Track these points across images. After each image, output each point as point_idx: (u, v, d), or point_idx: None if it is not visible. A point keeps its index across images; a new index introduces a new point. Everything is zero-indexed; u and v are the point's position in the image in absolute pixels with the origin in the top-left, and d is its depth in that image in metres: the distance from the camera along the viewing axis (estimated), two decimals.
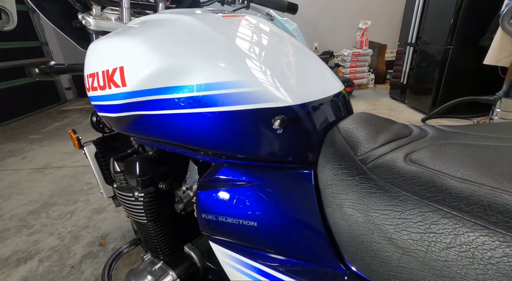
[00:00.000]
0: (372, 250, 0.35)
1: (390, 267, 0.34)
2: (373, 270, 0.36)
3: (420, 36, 2.78)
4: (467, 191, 0.25)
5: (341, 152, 0.37)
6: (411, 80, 2.91)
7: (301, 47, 0.51)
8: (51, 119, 3.35)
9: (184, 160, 0.65)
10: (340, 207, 0.37)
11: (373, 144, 0.36)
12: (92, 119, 0.81)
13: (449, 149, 0.33)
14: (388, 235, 0.32)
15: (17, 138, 2.76)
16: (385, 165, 0.32)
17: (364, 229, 0.35)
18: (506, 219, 0.22)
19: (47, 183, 1.85)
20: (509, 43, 1.83)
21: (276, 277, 0.41)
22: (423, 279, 0.30)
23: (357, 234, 0.36)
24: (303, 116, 0.39)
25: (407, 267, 0.32)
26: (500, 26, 1.78)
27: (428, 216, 0.27)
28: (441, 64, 2.47)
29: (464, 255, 0.26)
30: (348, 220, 0.37)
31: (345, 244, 0.39)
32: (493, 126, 0.44)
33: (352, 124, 0.39)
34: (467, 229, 0.25)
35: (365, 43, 3.62)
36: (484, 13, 2.20)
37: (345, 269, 0.39)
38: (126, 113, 0.51)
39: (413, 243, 0.30)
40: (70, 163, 2.12)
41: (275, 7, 0.85)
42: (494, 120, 1.78)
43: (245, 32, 0.47)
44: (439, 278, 0.29)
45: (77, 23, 0.67)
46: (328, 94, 0.43)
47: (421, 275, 0.30)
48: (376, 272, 0.36)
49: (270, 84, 0.39)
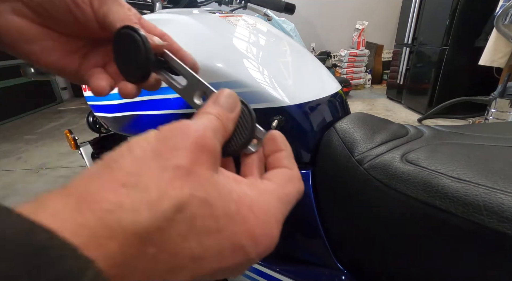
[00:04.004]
0: (369, 250, 0.35)
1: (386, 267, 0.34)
2: (369, 269, 0.36)
3: (417, 37, 2.80)
4: (462, 190, 0.25)
5: (338, 152, 0.37)
6: (408, 80, 2.93)
7: (299, 48, 0.51)
8: (47, 120, 3.32)
9: None
10: (337, 207, 0.37)
11: (370, 144, 0.36)
12: (89, 119, 0.81)
13: (445, 148, 0.33)
14: (384, 235, 0.32)
15: (12, 138, 2.73)
16: (382, 165, 0.32)
17: (360, 229, 0.35)
18: (501, 218, 0.22)
19: (42, 183, 1.84)
20: (503, 44, 1.85)
21: (274, 277, 0.41)
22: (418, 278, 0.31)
23: (353, 234, 0.37)
24: (300, 117, 0.39)
25: (403, 267, 0.32)
26: (495, 27, 1.79)
27: (424, 216, 0.27)
28: (437, 65, 2.49)
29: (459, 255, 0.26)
30: (345, 220, 0.37)
31: (342, 244, 0.39)
32: (488, 126, 0.45)
33: (349, 125, 0.39)
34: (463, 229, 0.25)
35: (362, 43, 3.64)
36: (479, 14, 2.22)
37: (342, 269, 0.39)
38: (123, 113, 0.51)
39: (410, 243, 0.30)
40: (66, 164, 2.10)
41: (273, 8, 0.85)
42: (489, 121, 1.79)
43: (243, 33, 0.47)
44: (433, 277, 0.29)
45: None
46: (325, 94, 0.43)
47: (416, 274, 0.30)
48: (372, 271, 0.36)
49: (268, 84, 0.39)
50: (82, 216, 0.10)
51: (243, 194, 0.14)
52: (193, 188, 0.12)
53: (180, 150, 0.12)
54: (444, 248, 0.27)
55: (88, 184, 0.11)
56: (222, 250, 0.12)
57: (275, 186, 0.16)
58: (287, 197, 0.16)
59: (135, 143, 0.12)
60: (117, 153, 0.12)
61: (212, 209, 0.12)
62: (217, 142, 0.14)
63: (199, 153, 0.13)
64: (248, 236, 0.13)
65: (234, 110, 0.17)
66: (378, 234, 0.33)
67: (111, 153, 0.12)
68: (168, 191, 0.11)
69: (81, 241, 0.09)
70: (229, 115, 0.17)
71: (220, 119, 0.16)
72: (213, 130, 0.15)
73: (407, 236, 0.30)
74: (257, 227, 0.13)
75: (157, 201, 0.11)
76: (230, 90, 0.18)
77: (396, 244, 0.31)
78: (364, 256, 0.36)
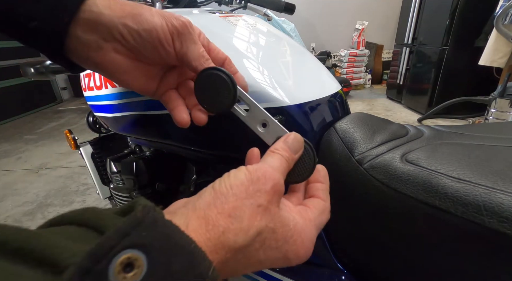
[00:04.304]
0: (369, 250, 0.35)
1: (386, 267, 0.34)
2: (369, 269, 0.36)
3: (416, 37, 2.80)
4: (462, 190, 0.25)
5: (338, 152, 0.37)
6: (408, 80, 2.93)
7: (299, 48, 0.51)
8: (47, 120, 3.32)
9: (181, 160, 0.64)
10: (337, 207, 0.37)
11: (370, 144, 0.36)
12: (89, 119, 0.81)
13: (445, 148, 0.33)
14: (384, 235, 0.32)
15: (12, 138, 2.73)
16: (382, 165, 0.32)
17: (360, 229, 0.35)
18: (501, 219, 0.22)
19: (42, 183, 1.84)
20: (503, 44, 1.85)
21: (274, 277, 0.41)
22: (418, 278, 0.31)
23: (353, 234, 0.37)
24: (300, 117, 0.39)
25: (403, 267, 0.32)
26: (495, 27, 1.79)
27: (424, 216, 0.27)
28: (437, 65, 2.49)
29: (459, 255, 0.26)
30: (345, 220, 0.37)
31: (342, 244, 0.39)
32: (488, 126, 0.45)
33: (349, 125, 0.39)
34: (463, 229, 0.25)
35: (362, 43, 3.64)
36: (479, 14, 2.23)
37: (342, 269, 0.39)
38: (123, 113, 0.51)
39: (409, 243, 0.30)
40: (66, 164, 2.10)
41: (273, 8, 0.85)
42: (489, 121, 1.79)
43: (243, 32, 0.47)
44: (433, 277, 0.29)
45: None
46: (325, 94, 0.43)
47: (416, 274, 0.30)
48: (372, 271, 0.36)
49: (268, 84, 0.39)
50: (208, 234, 0.17)
51: (296, 223, 0.20)
52: (268, 221, 0.19)
53: (263, 193, 0.19)
54: (444, 248, 0.27)
55: (209, 210, 0.17)
56: (276, 259, 0.20)
57: (315, 216, 0.22)
58: (320, 224, 0.23)
59: (234, 181, 0.19)
60: (222, 186, 0.19)
61: (276, 234, 0.19)
62: (283, 181, 0.21)
63: (274, 195, 0.19)
64: (295, 254, 0.20)
65: (298, 152, 0.24)
66: (378, 234, 0.33)
67: (219, 184, 0.19)
68: (254, 223, 0.18)
69: (208, 249, 0.16)
70: (294, 156, 0.23)
71: (287, 161, 0.22)
72: (282, 173, 0.21)
73: (407, 236, 0.30)
74: (301, 248, 0.20)
75: (247, 229, 0.18)
76: (298, 135, 0.24)
77: (396, 244, 0.31)
78: (364, 256, 0.36)
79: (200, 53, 0.27)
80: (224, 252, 0.17)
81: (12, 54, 3.37)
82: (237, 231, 0.17)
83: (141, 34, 0.25)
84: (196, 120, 0.29)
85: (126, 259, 0.12)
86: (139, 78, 0.28)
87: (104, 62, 0.26)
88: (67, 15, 0.23)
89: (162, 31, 0.25)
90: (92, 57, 0.26)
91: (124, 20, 0.24)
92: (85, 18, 0.24)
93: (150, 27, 0.25)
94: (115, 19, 0.24)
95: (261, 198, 0.18)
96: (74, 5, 0.23)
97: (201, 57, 0.27)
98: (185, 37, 0.26)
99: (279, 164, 0.21)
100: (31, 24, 0.23)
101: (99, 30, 0.24)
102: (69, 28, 0.24)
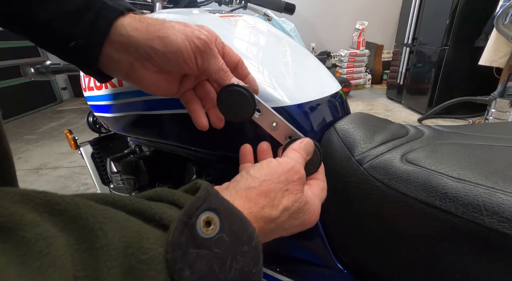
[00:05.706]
0: (369, 250, 0.35)
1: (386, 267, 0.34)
2: (369, 269, 0.36)
3: (417, 37, 2.80)
4: (463, 190, 0.25)
5: (338, 152, 0.37)
6: (408, 80, 2.93)
7: (299, 48, 0.51)
8: (47, 120, 3.32)
9: (181, 160, 0.64)
10: (337, 207, 0.37)
11: (370, 144, 0.36)
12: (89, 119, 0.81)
13: (445, 148, 0.33)
14: (384, 235, 0.32)
15: (12, 138, 2.73)
16: (382, 165, 0.32)
17: (360, 229, 0.35)
18: (501, 218, 0.22)
19: (42, 183, 1.84)
20: (503, 44, 1.85)
21: (274, 277, 0.41)
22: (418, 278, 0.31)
23: (353, 234, 0.37)
24: (300, 117, 0.39)
25: (403, 267, 0.32)
26: (495, 27, 1.79)
27: (424, 216, 0.27)
28: (437, 65, 2.49)
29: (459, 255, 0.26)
30: (345, 220, 0.37)
31: (342, 244, 0.39)
32: (488, 126, 0.45)
33: (349, 125, 0.39)
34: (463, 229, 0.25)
35: (362, 43, 3.64)
36: (479, 14, 2.22)
37: (342, 269, 0.39)
38: (123, 113, 0.51)
39: (410, 243, 0.30)
40: (66, 164, 2.10)
41: (273, 8, 0.85)
42: (489, 121, 1.79)
43: (242, 33, 0.47)
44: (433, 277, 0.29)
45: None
46: (325, 94, 0.43)
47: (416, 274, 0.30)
48: (372, 271, 0.36)
49: (268, 84, 0.39)
50: (250, 209, 0.22)
51: (310, 198, 0.27)
52: (294, 200, 0.25)
53: (290, 182, 0.25)
54: (444, 248, 0.27)
55: (249, 191, 0.23)
56: (295, 226, 0.26)
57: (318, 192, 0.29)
58: (322, 199, 0.30)
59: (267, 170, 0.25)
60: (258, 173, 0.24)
61: (298, 210, 0.25)
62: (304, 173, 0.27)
63: (299, 183, 0.26)
64: (308, 221, 0.27)
65: (310, 154, 0.30)
66: (378, 234, 0.33)
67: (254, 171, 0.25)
68: (282, 201, 0.24)
69: (251, 220, 0.21)
70: (307, 157, 0.30)
71: (304, 160, 0.29)
72: (302, 165, 0.28)
73: (407, 236, 0.30)
74: (312, 216, 0.27)
75: (278, 205, 0.24)
76: (311, 141, 0.31)
77: (396, 244, 0.31)
78: (364, 256, 0.36)
79: (220, 66, 0.30)
80: (262, 222, 0.23)
81: (12, 54, 3.37)
82: (271, 207, 0.23)
83: (167, 56, 0.28)
84: (215, 125, 0.34)
85: (206, 218, 0.17)
86: (163, 85, 0.32)
87: (133, 76, 0.30)
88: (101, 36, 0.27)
89: (186, 51, 0.28)
90: (122, 72, 0.30)
91: (151, 43, 0.27)
92: (115, 40, 0.27)
93: (175, 50, 0.27)
94: (142, 41, 0.27)
95: (288, 185, 0.25)
96: (105, 26, 0.27)
97: (220, 71, 0.30)
98: (207, 55, 0.29)
99: (302, 160, 0.28)
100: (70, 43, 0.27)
101: (129, 51, 0.28)
102: (103, 48, 0.27)
